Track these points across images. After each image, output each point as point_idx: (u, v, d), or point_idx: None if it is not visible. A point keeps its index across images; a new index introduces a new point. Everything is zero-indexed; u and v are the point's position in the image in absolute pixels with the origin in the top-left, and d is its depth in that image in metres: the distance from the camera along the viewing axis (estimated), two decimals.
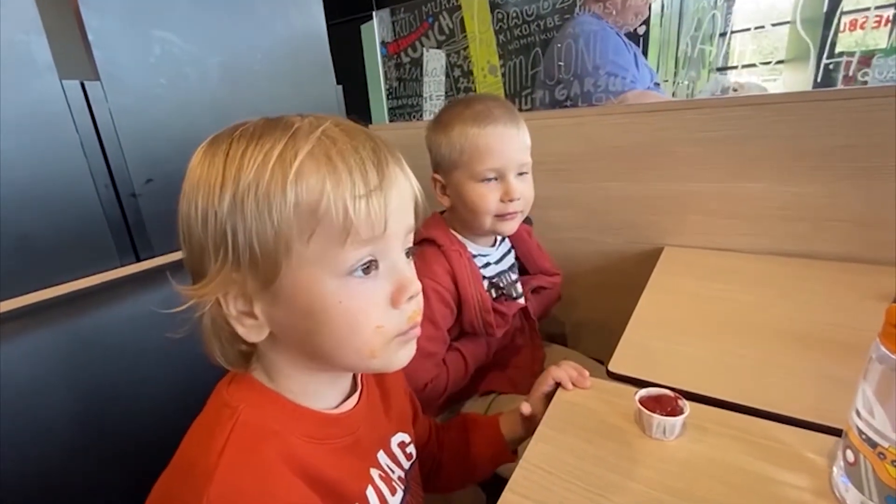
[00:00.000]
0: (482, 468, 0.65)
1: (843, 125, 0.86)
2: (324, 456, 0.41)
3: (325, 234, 0.36)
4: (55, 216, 0.76)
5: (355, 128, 0.39)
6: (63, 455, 0.57)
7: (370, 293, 0.39)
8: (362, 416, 0.47)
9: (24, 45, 0.71)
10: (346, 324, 0.38)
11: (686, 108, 1.00)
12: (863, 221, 0.89)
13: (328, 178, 0.35)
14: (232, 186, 0.35)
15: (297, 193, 0.35)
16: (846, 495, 0.40)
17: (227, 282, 0.37)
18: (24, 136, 0.72)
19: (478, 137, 0.78)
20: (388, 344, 0.40)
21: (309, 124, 0.37)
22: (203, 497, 0.33)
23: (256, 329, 0.39)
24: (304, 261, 0.36)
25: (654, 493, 0.43)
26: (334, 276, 0.37)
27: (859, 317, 0.69)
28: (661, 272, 0.94)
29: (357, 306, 0.38)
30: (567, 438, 0.51)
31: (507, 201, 0.79)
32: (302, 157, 0.35)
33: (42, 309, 0.62)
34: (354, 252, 0.37)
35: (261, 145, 0.36)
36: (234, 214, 0.35)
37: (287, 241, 0.35)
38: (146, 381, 0.65)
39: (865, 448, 0.37)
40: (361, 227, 0.36)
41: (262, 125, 0.38)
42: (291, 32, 1.13)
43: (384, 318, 0.39)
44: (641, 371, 0.61)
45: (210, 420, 0.40)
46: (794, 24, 1.37)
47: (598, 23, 1.39)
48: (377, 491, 0.45)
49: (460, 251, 0.82)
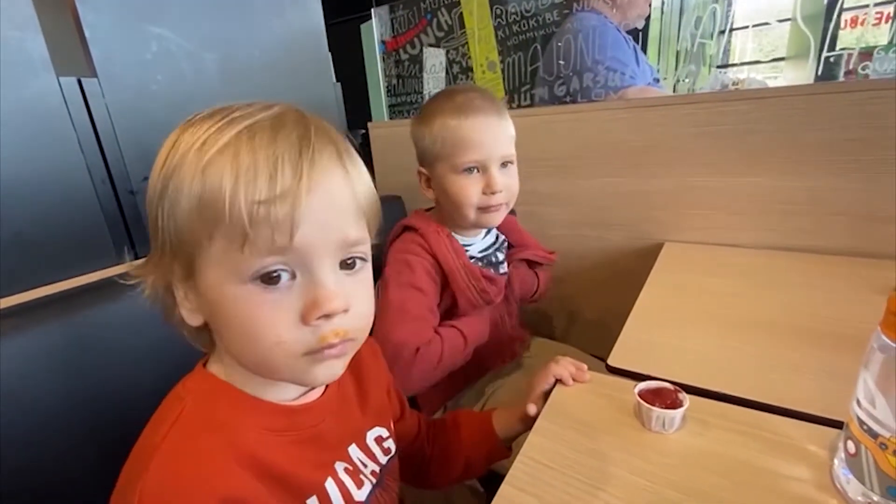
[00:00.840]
0: (475, 465, 0.65)
1: (844, 119, 0.86)
2: (279, 448, 0.40)
3: (226, 236, 0.33)
4: (53, 213, 0.76)
5: (295, 121, 0.36)
6: (60, 451, 0.57)
7: (272, 305, 0.35)
8: (328, 409, 0.46)
9: (20, 42, 0.71)
10: (243, 332, 0.36)
11: (686, 103, 1.00)
12: (864, 215, 0.88)
13: (229, 175, 0.33)
14: (163, 171, 0.35)
15: (200, 189, 0.33)
16: (847, 487, 0.39)
17: (160, 265, 0.37)
18: (21, 133, 0.72)
19: (458, 129, 0.76)
20: (294, 361, 0.37)
21: (247, 115, 0.35)
22: (139, 481, 0.33)
23: (193, 314, 0.39)
24: (212, 259, 0.35)
25: (653, 487, 0.43)
26: (237, 282, 0.35)
27: (860, 310, 0.69)
28: (662, 268, 0.94)
29: (254, 316, 0.35)
30: (566, 432, 0.51)
31: (490, 193, 0.78)
32: (214, 150, 0.33)
33: (39, 306, 0.61)
34: (256, 260, 0.34)
35: (194, 133, 0.35)
36: (162, 200, 0.35)
37: (194, 236, 0.35)
38: (143, 377, 0.64)
39: (866, 438, 0.37)
40: (259, 236, 0.33)
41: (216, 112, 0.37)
42: (289, 29, 1.13)
43: (287, 334, 0.36)
44: (641, 365, 0.61)
45: (159, 413, 0.40)
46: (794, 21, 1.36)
47: (598, 18, 1.38)
48: (339, 483, 0.44)
49: (438, 230, 0.81)
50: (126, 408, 0.63)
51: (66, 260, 0.76)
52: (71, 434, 0.59)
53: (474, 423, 0.66)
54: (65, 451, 0.58)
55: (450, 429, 0.66)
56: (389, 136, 1.42)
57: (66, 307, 0.63)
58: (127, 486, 0.35)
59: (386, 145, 1.42)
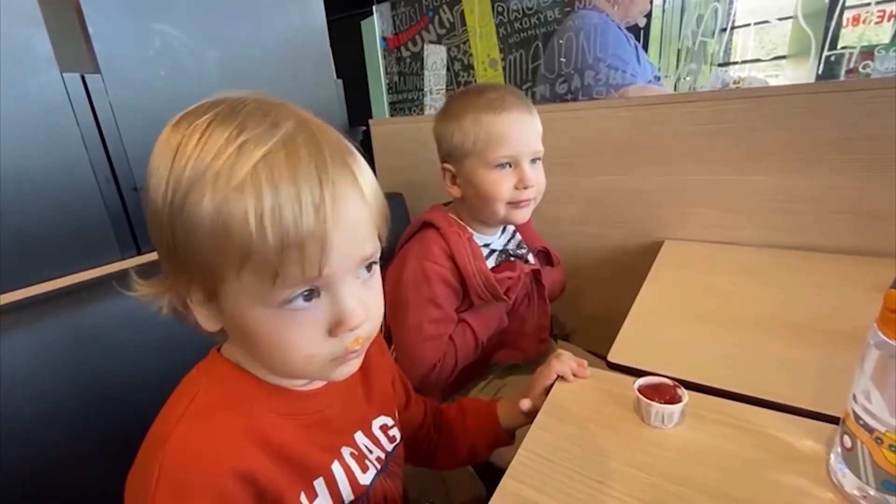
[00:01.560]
0: (479, 451, 0.67)
1: (844, 118, 0.86)
2: (289, 430, 0.42)
3: (255, 272, 0.34)
4: (56, 209, 0.76)
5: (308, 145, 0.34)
6: (64, 445, 0.58)
7: (304, 325, 0.37)
8: (335, 396, 0.48)
9: (24, 38, 0.71)
10: (273, 349, 0.38)
11: (686, 102, 1.00)
12: (864, 214, 0.88)
13: (253, 215, 0.32)
14: (172, 184, 0.34)
15: (223, 222, 0.32)
16: (843, 481, 0.40)
17: (176, 283, 0.37)
18: (25, 130, 0.72)
19: (492, 124, 0.77)
20: (321, 367, 0.39)
21: (257, 137, 0.33)
22: (157, 459, 0.35)
23: (211, 320, 0.39)
24: (238, 288, 0.35)
25: (652, 480, 0.44)
26: (265, 306, 0.36)
27: (858, 307, 0.69)
28: (662, 265, 0.94)
29: (286, 337, 0.37)
30: (566, 427, 0.52)
31: (522, 188, 0.79)
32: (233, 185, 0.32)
33: (43, 302, 0.62)
34: (287, 291, 0.35)
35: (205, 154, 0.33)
36: (174, 218, 0.34)
37: (218, 266, 0.34)
38: (146, 373, 0.65)
39: (863, 433, 0.37)
40: (290, 273, 0.34)
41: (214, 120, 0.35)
42: (291, 26, 1.13)
43: (317, 348, 0.38)
44: (640, 361, 0.61)
45: (175, 394, 0.42)
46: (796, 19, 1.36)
47: (599, 16, 1.38)
48: (345, 467, 0.46)
49: (459, 232, 0.82)
50: (129, 402, 0.64)
51: (70, 256, 0.77)
52: (74, 428, 0.59)
53: (479, 412, 0.67)
54: (69, 445, 0.58)
55: (456, 416, 0.68)
56: (390, 134, 1.42)
57: (70, 303, 0.63)
58: (146, 461, 0.37)
59: (387, 143, 1.42)
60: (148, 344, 0.65)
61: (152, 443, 0.38)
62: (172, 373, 0.67)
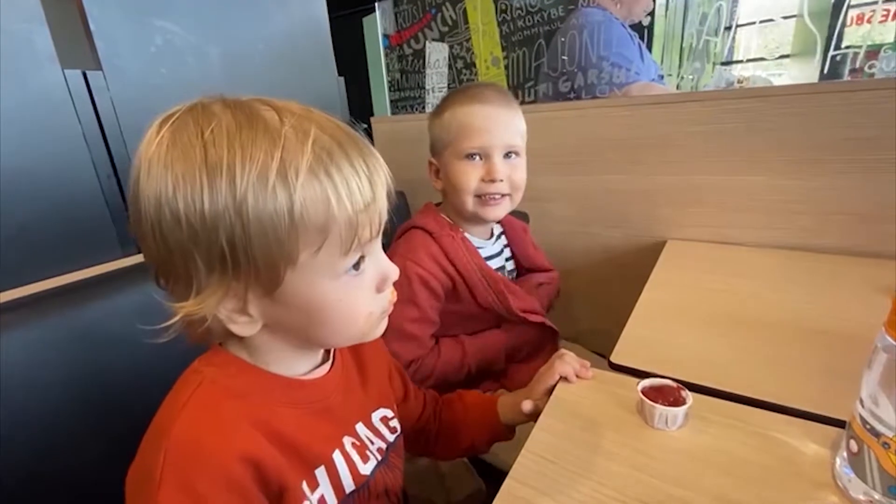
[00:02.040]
0: (479, 445, 0.67)
1: (849, 117, 0.86)
2: (293, 419, 0.43)
3: (332, 247, 0.37)
4: (57, 207, 0.76)
5: (339, 131, 0.38)
6: (63, 444, 0.58)
7: (361, 287, 0.42)
8: (335, 386, 0.49)
9: (25, 34, 0.71)
10: (343, 317, 0.41)
11: (690, 101, 0.99)
12: (867, 214, 0.88)
13: (331, 195, 0.36)
14: (227, 198, 0.33)
15: (302, 212, 0.35)
16: (849, 485, 0.40)
17: (229, 292, 0.37)
18: (26, 126, 0.72)
19: (464, 115, 0.79)
20: (374, 323, 0.45)
21: (294, 131, 0.35)
22: (162, 447, 0.35)
23: (250, 325, 0.40)
24: (306, 269, 0.37)
25: (656, 483, 0.43)
26: (332, 279, 0.39)
27: (863, 309, 0.69)
28: (664, 265, 0.94)
29: (352, 301, 0.41)
30: (569, 428, 0.51)
31: (489, 181, 0.79)
32: (303, 176, 0.34)
33: (44, 299, 0.62)
34: (352, 257, 0.39)
35: (250, 155, 0.34)
36: (233, 229, 0.34)
37: (292, 254, 0.36)
38: (147, 371, 0.65)
39: (869, 438, 0.37)
40: (363, 235, 0.38)
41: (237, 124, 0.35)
42: (292, 23, 1.13)
43: (373, 305, 0.43)
44: (644, 362, 0.61)
45: (177, 386, 0.42)
46: (801, 18, 1.36)
47: (603, 14, 1.38)
48: (346, 456, 0.47)
49: (452, 234, 0.82)
50: (131, 399, 0.64)
51: (71, 253, 0.77)
52: (76, 425, 0.59)
53: (480, 407, 0.68)
54: (68, 443, 0.58)
55: (457, 409, 0.68)
56: (392, 132, 1.41)
57: (72, 300, 0.63)
58: (149, 450, 0.37)
59: (388, 140, 1.42)
60: (149, 342, 0.65)
61: (155, 432, 0.38)
62: (173, 370, 0.67)
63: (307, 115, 0.38)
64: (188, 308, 0.36)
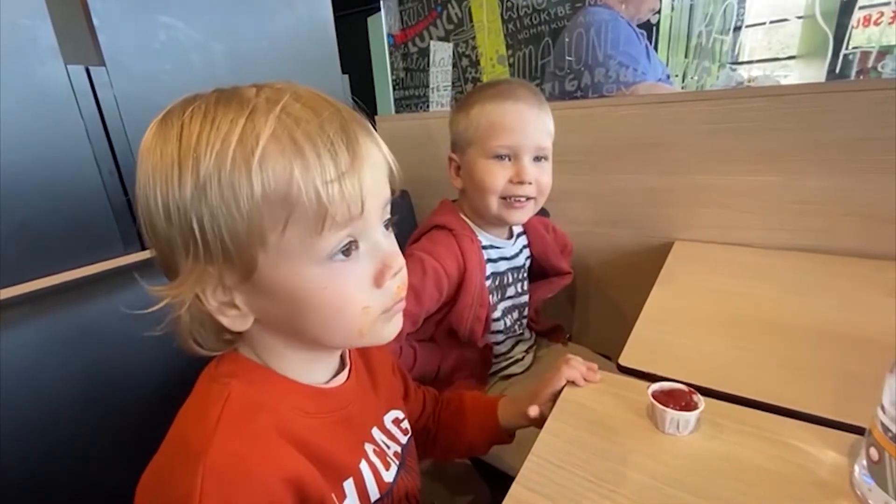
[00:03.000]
0: (477, 447, 0.67)
1: (859, 117, 0.84)
2: (318, 429, 0.41)
3: (300, 223, 0.34)
4: (59, 203, 0.75)
5: (319, 101, 0.36)
6: (64, 441, 0.57)
7: (353, 276, 0.38)
8: (353, 392, 0.47)
9: (29, 29, 0.71)
10: (332, 309, 0.38)
11: (698, 100, 0.98)
12: (878, 216, 0.87)
13: (295, 163, 0.33)
14: (192, 175, 0.33)
15: (263, 182, 0.32)
16: (869, 494, 0.38)
17: (203, 277, 0.35)
18: (29, 122, 0.71)
19: (494, 113, 0.75)
20: (374, 322, 0.40)
21: (266, 100, 0.34)
22: (199, 468, 0.32)
23: (240, 319, 0.38)
24: (281, 251, 0.35)
25: (667, 489, 0.42)
26: (315, 264, 0.36)
27: (875, 312, 0.68)
28: (672, 266, 0.93)
29: (341, 290, 0.37)
30: (577, 432, 0.50)
31: (517, 183, 0.76)
32: (264, 141, 0.32)
33: (45, 296, 0.61)
34: (333, 236, 0.35)
35: (217, 127, 0.33)
36: (199, 206, 0.33)
37: (260, 232, 0.34)
38: (148, 368, 0.65)
39: (891, 445, 0.36)
40: (337, 212, 0.34)
41: (215, 101, 0.35)
42: (298, 21, 1.12)
43: (369, 299, 0.39)
44: (652, 365, 0.60)
45: (201, 397, 0.39)
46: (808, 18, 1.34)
47: (609, 13, 1.37)
48: (371, 465, 0.46)
49: (471, 237, 0.80)
50: (133, 396, 0.64)
51: (74, 250, 0.76)
52: (78, 422, 0.59)
53: (479, 410, 0.66)
54: (70, 440, 0.58)
55: (455, 411, 0.67)
56: (396, 130, 1.41)
57: (74, 297, 0.62)
58: (180, 472, 0.34)
59: (393, 139, 1.39)
60: (151, 337, 0.64)
61: (185, 451, 0.35)
62: (175, 365, 0.67)
63: (290, 88, 0.36)
64: (165, 292, 0.36)
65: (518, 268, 0.91)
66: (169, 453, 0.37)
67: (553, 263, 0.94)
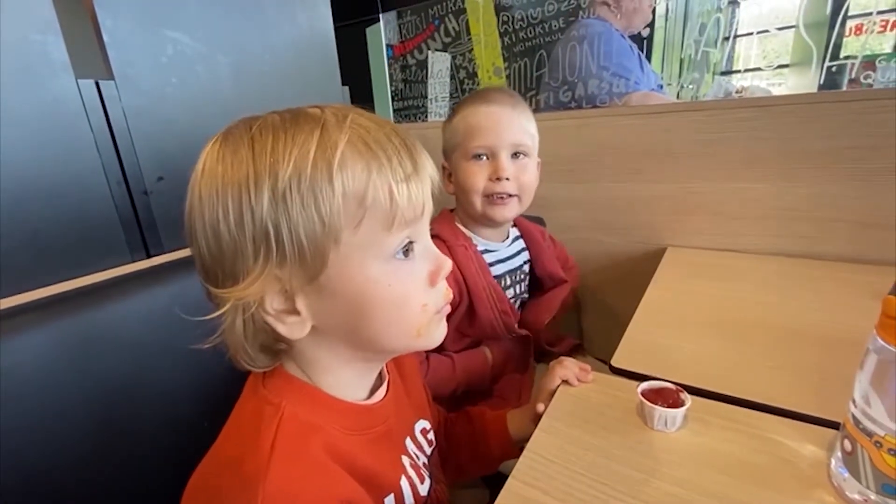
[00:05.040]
0: (488, 464, 0.66)
1: (847, 127, 0.87)
2: (361, 447, 0.42)
3: (373, 221, 0.37)
4: (68, 212, 0.77)
5: (378, 118, 0.40)
6: (72, 449, 0.58)
7: (412, 274, 0.40)
8: (391, 406, 0.48)
9: (41, 44, 0.73)
10: (395, 305, 0.39)
11: (691, 110, 1.01)
12: (864, 222, 0.89)
13: (371, 164, 0.36)
14: (269, 181, 0.34)
15: (343, 183, 0.35)
16: (844, 484, 0.41)
17: (270, 280, 0.36)
18: (40, 134, 0.73)
19: (471, 116, 0.80)
20: (430, 321, 0.42)
21: (334, 115, 0.37)
22: (259, 493, 0.33)
23: (299, 325, 0.38)
24: (351, 248, 0.37)
25: (656, 483, 0.44)
26: (380, 261, 0.38)
27: (857, 315, 0.70)
28: (665, 272, 0.95)
29: (404, 287, 0.40)
30: (570, 430, 0.52)
31: (496, 180, 0.79)
32: (342, 146, 0.35)
33: (53, 304, 0.63)
34: (398, 234, 0.38)
35: (292, 138, 0.35)
36: (277, 210, 0.34)
37: (336, 231, 0.36)
38: (156, 376, 0.66)
39: (862, 437, 0.38)
40: (406, 211, 0.37)
41: (281, 118, 0.37)
42: (300, 34, 1.15)
43: (427, 297, 0.41)
44: (644, 366, 0.62)
45: (252, 417, 0.39)
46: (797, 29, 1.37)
47: (603, 25, 1.40)
48: (409, 479, 0.46)
49: (466, 245, 0.83)
50: (140, 403, 0.65)
51: (82, 258, 0.78)
52: (83, 431, 0.60)
53: (491, 424, 0.66)
54: (77, 448, 0.59)
55: (465, 427, 0.67)
56: None
57: (80, 305, 0.64)
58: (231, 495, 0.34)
59: None
60: (158, 345, 0.66)
61: (241, 476, 0.35)
62: (182, 375, 0.68)
63: (351, 107, 0.39)
64: (231, 293, 0.36)
65: (515, 270, 0.93)
66: (222, 474, 0.37)
67: (549, 269, 0.96)
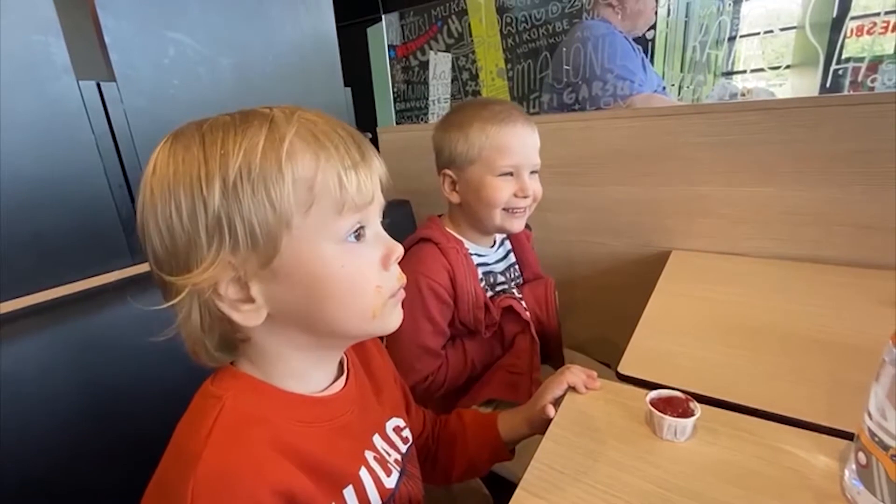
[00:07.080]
0: (478, 466, 0.66)
1: (851, 130, 0.87)
2: (315, 439, 0.42)
3: (322, 206, 0.38)
4: (70, 215, 0.76)
5: (325, 114, 0.42)
6: (71, 450, 0.58)
7: (364, 256, 0.42)
8: (352, 400, 0.48)
9: (42, 46, 0.72)
10: (349, 286, 0.41)
11: (694, 113, 1.01)
12: (870, 226, 0.89)
13: (320, 153, 0.38)
14: (220, 173, 0.36)
15: (293, 171, 0.37)
16: (858, 498, 0.40)
17: (224, 266, 0.37)
18: (42, 136, 0.73)
19: (498, 135, 0.82)
20: (385, 304, 0.43)
21: (282, 112, 0.39)
22: (190, 477, 0.34)
23: (254, 313, 0.39)
24: (303, 232, 0.38)
25: (665, 494, 0.44)
26: (332, 242, 0.40)
27: (868, 321, 0.70)
28: (669, 276, 0.94)
29: (357, 268, 0.41)
30: (578, 439, 0.52)
31: (521, 196, 0.84)
32: (290, 137, 0.37)
33: (55, 306, 0.63)
34: (349, 218, 0.40)
35: (242, 132, 0.37)
36: (228, 200, 0.36)
37: (287, 216, 0.37)
38: (156, 378, 0.65)
39: (878, 450, 0.37)
40: (354, 196, 0.39)
41: (233, 118, 0.38)
42: (302, 35, 1.14)
43: (380, 279, 0.43)
44: (651, 373, 0.62)
45: (196, 410, 0.41)
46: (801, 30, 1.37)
47: (606, 27, 1.40)
48: (371, 472, 0.47)
49: (457, 248, 0.86)
50: (139, 405, 0.65)
51: (83, 261, 0.77)
52: (84, 432, 0.60)
53: (479, 426, 0.67)
54: (76, 449, 0.59)
55: (455, 429, 0.68)
56: (397, 141, 1.43)
57: (82, 307, 0.64)
58: (173, 481, 0.36)
59: (394, 150, 1.43)
60: (158, 347, 0.65)
61: (178, 462, 0.37)
62: (182, 375, 0.67)
63: (298, 106, 0.41)
64: (184, 280, 0.37)
65: (502, 272, 0.96)
66: (166, 465, 0.38)
67: (532, 269, 1.01)
